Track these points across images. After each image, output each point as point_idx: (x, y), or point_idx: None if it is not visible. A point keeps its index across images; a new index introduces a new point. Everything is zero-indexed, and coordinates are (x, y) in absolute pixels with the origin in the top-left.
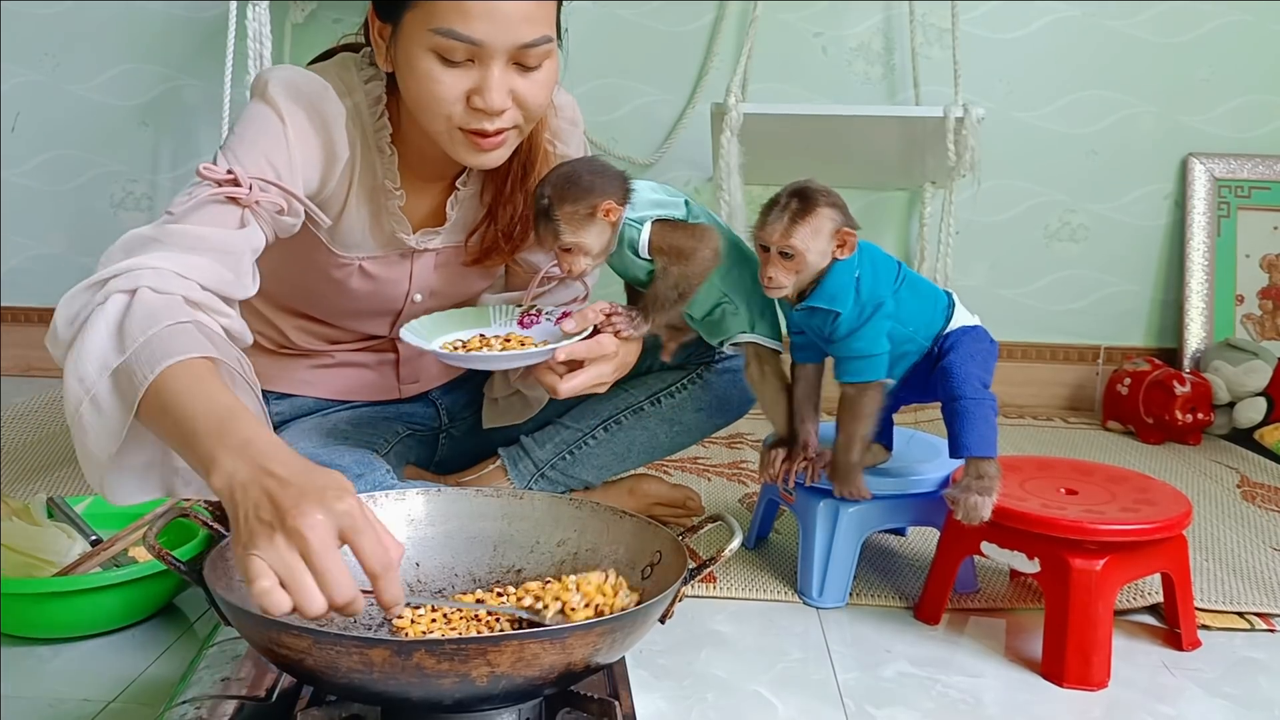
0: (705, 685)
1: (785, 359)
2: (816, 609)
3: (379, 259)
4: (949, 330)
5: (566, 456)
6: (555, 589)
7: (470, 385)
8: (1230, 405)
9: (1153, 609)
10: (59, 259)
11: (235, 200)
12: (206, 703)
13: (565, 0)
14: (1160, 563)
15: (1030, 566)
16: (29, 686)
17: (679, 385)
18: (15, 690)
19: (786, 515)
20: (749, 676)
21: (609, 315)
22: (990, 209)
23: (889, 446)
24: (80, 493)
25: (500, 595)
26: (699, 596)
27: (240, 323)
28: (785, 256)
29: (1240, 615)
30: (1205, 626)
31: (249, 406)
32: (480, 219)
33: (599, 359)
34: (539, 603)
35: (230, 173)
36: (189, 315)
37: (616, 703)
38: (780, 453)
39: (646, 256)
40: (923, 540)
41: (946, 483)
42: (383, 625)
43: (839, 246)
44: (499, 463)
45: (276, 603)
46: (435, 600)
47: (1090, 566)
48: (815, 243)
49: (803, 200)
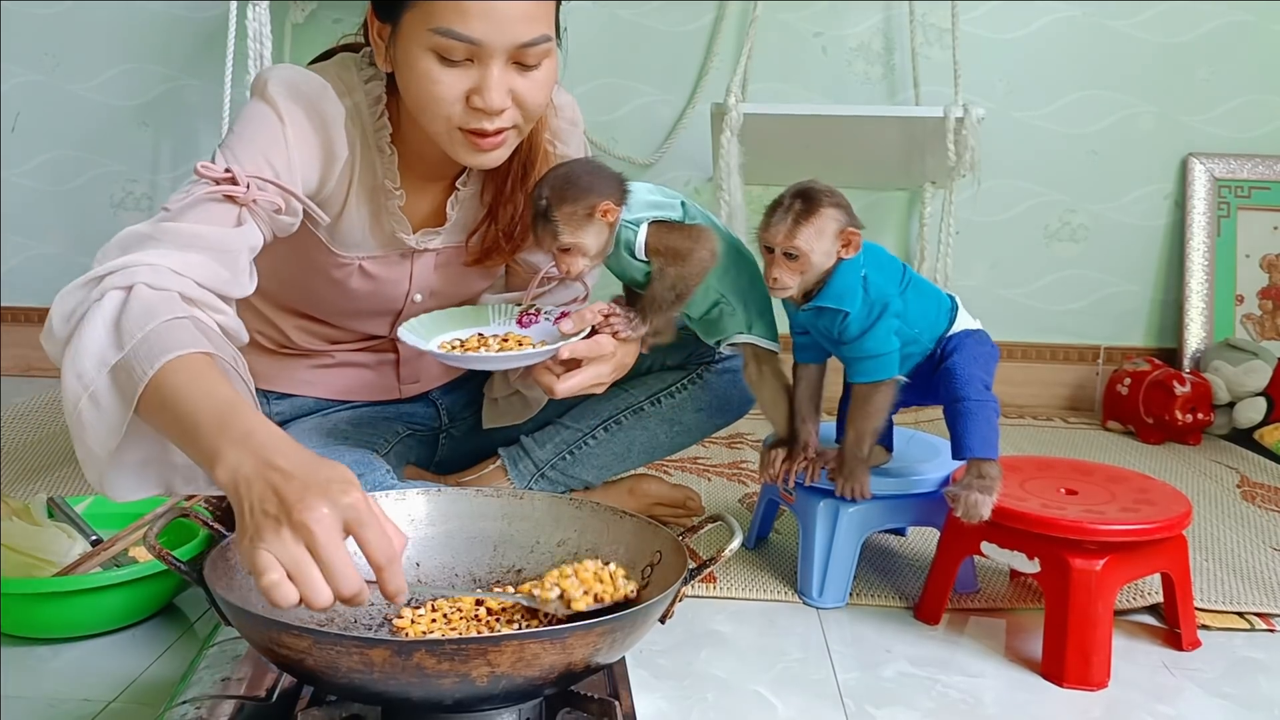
0: (705, 685)
1: (785, 359)
2: (816, 609)
3: (379, 259)
4: (952, 333)
5: (567, 456)
6: (554, 576)
7: (470, 385)
8: (1230, 405)
9: (1153, 609)
10: (59, 259)
11: (233, 199)
12: (207, 703)
13: (564, 0)
14: (1160, 563)
15: (1030, 566)
16: (29, 686)
17: (679, 385)
18: (15, 690)
19: (786, 515)
20: (749, 676)
21: (607, 316)
22: (990, 209)
23: (889, 447)
24: (80, 493)
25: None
26: (699, 596)
27: (236, 321)
28: (790, 257)
29: (1240, 615)
30: (1205, 626)
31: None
32: (481, 219)
33: (597, 359)
34: (537, 589)
35: (228, 171)
36: (185, 311)
37: (616, 703)
38: (780, 453)
39: (643, 258)
40: (923, 540)
41: (947, 483)
42: (383, 625)
43: (844, 246)
44: (499, 463)
45: (285, 595)
46: (434, 590)
47: (1090, 566)
48: (819, 243)
49: (806, 201)
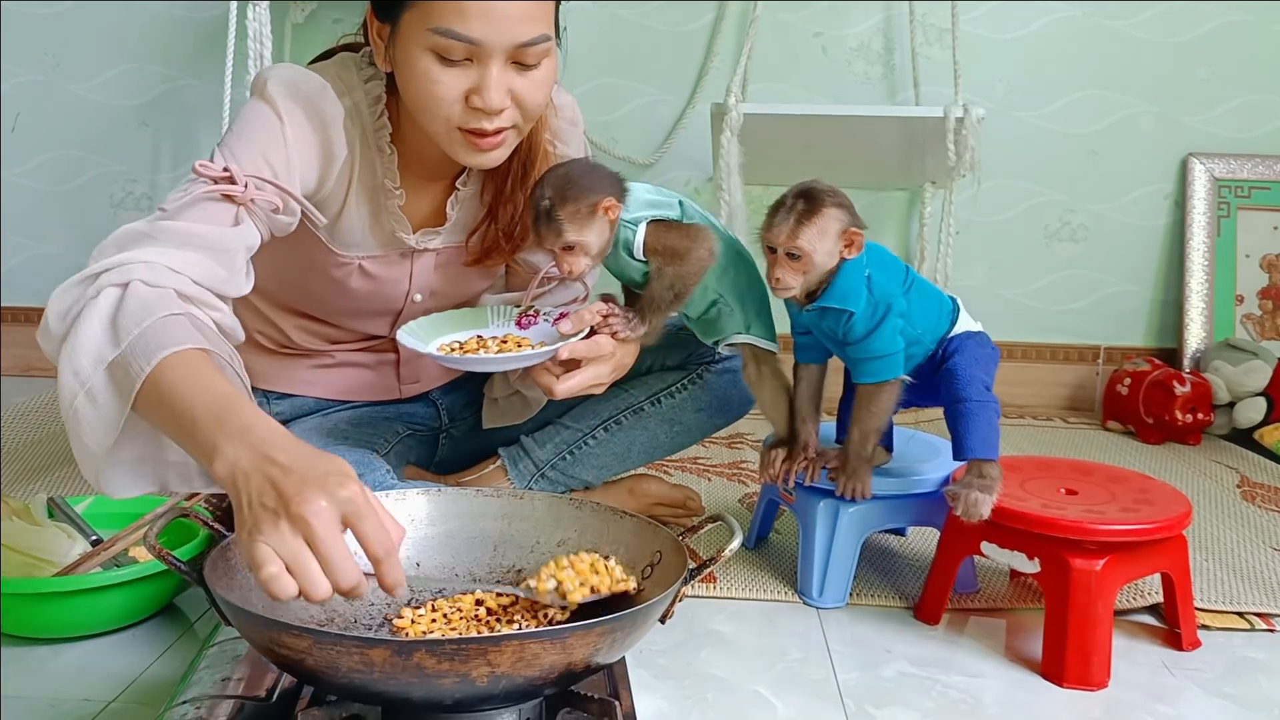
0: (705, 685)
1: (785, 359)
2: (816, 609)
3: (379, 258)
4: (953, 334)
5: (567, 456)
6: (550, 568)
7: (470, 385)
8: (1230, 405)
9: (1153, 609)
10: (59, 259)
11: (230, 198)
12: (207, 703)
13: (564, 0)
14: (1160, 563)
15: (1030, 566)
16: (29, 686)
17: (679, 385)
18: (15, 690)
19: (786, 515)
20: (749, 676)
21: (606, 316)
22: (990, 209)
23: (889, 447)
24: (80, 493)
25: (500, 595)
26: (699, 596)
27: (232, 319)
28: (792, 257)
29: (1240, 615)
30: (1205, 626)
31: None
32: (481, 219)
33: (596, 360)
34: (534, 580)
35: (226, 170)
36: (181, 308)
37: (616, 703)
38: (780, 453)
39: (641, 258)
40: (923, 540)
41: (947, 482)
42: (383, 625)
43: (846, 247)
44: (499, 463)
45: (283, 588)
46: (432, 582)
47: (1090, 566)
48: (822, 243)
49: (809, 201)
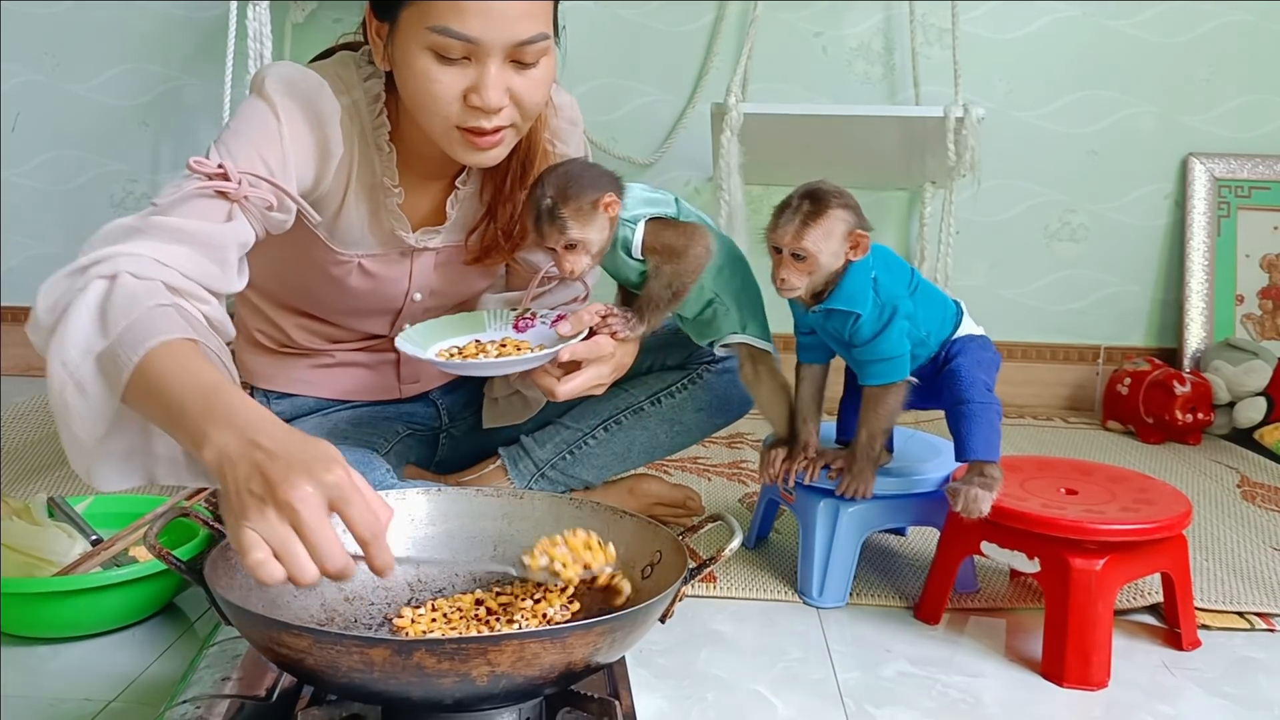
0: (705, 685)
1: (787, 359)
2: (816, 609)
3: (378, 257)
4: (956, 337)
5: (567, 456)
6: (543, 544)
7: (470, 385)
8: (1230, 405)
9: (1153, 609)
10: (59, 259)
11: (224, 195)
12: (207, 702)
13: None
14: (1160, 563)
15: (1030, 566)
16: (29, 686)
17: (679, 385)
18: (15, 690)
19: (786, 515)
20: (749, 676)
21: (604, 317)
22: (990, 209)
23: (890, 448)
24: (80, 493)
25: (500, 595)
26: (699, 596)
27: (222, 313)
28: (797, 258)
29: (1240, 615)
30: (1205, 626)
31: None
32: (480, 218)
33: (596, 360)
34: (527, 557)
35: (221, 167)
36: (170, 300)
37: (616, 702)
38: (780, 452)
39: (639, 257)
40: (923, 540)
41: (947, 482)
42: (383, 625)
43: (852, 248)
44: (499, 462)
45: (270, 573)
46: (430, 564)
47: (1090, 566)
48: (827, 244)
49: (814, 202)
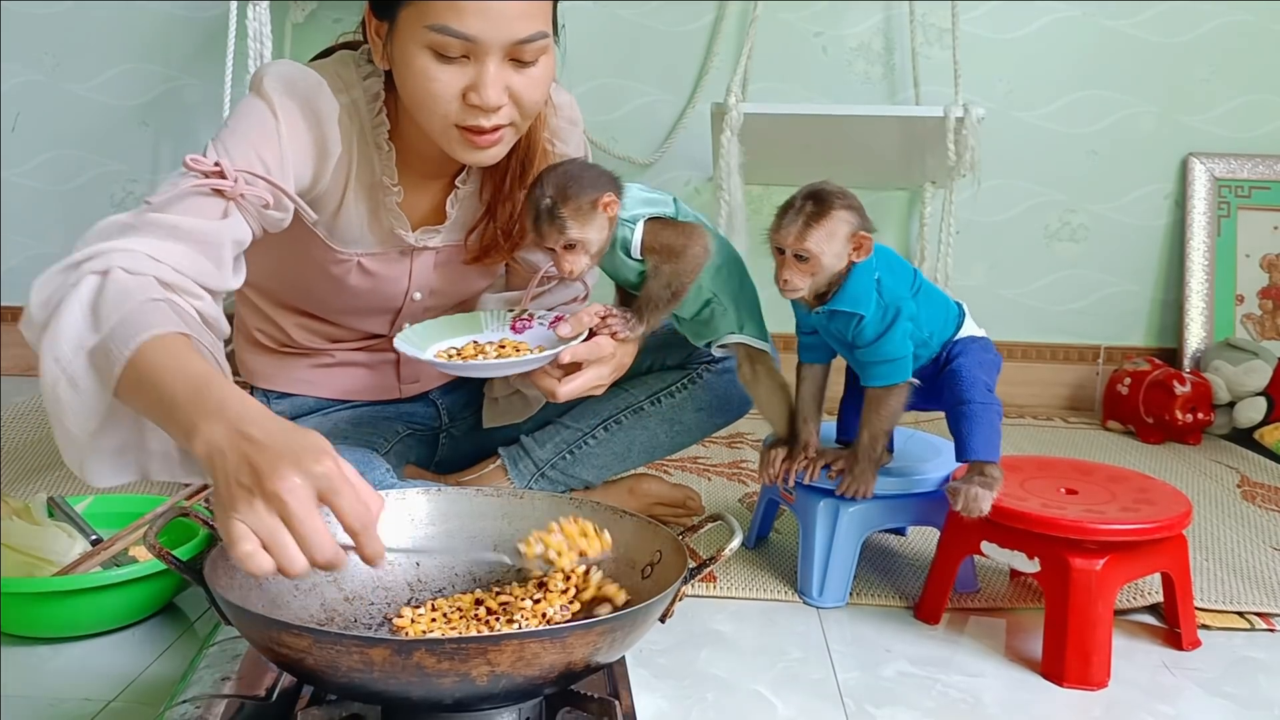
0: (705, 685)
1: (789, 359)
2: (816, 608)
3: (378, 256)
4: (957, 338)
5: (567, 456)
6: (538, 533)
7: (470, 385)
8: (1230, 405)
9: (1153, 609)
10: (59, 259)
11: (220, 193)
12: (207, 702)
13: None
14: (1160, 562)
15: (1030, 566)
16: (29, 686)
17: (679, 385)
18: (15, 690)
19: (786, 515)
20: (749, 676)
21: (604, 318)
22: (990, 209)
23: (890, 448)
24: (80, 492)
25: (500, 595)
26: (699, 596)
27: (217, 309)
28: (800, 259)
29: (1240, 615)
30: (1205, 626)
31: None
32: (479, 217)
33: (596, 361)
34: (522, 545)
35: (217, 165)
36: (162, 294)
37: (616, 702)
38: (780, 452)
39: (638, 257)
40: (923, 540)
41: (947, 481)
42: (383, 625)
43: (855, 250)
44: (499, 462)
45: (259, 565)
46: (425, 549)
47: (1090, 566)
48: (830, 245)
49: (818, 203)
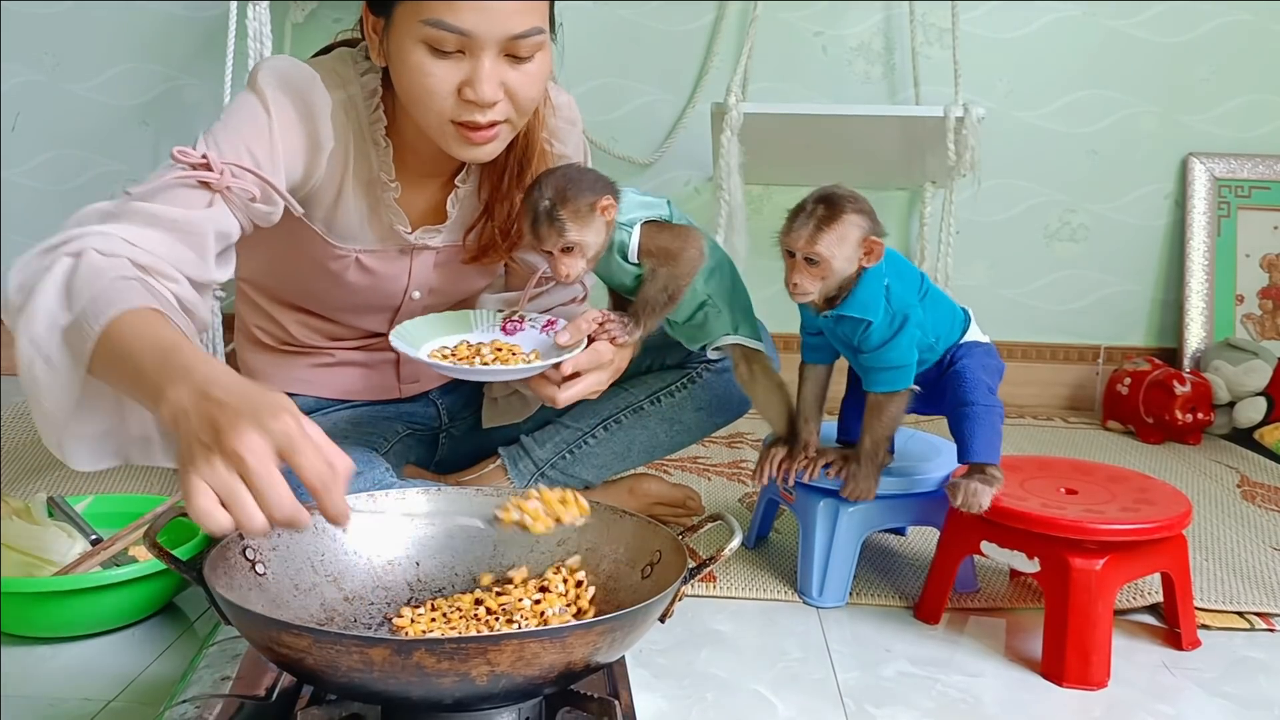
0: (705, 685)
1: (791, 359)
2: (816, 608)
3: (377, 253)
4: (962, 342)
5: (566, 456)
6: (515, 499)
7: (470, 385)
8: (1230, 405)
9: (1153, 609)
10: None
11: (206, 185)
12: (206, 702)
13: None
14: (1160, 562)
15: (1030, 566)
16: (29, 686)
17: (679, 385)
18: (15, 690)
19: (786, 515)
20: (749, 676)
21: (601, 323)
22: (990, 209)
23: (891, 449)
24: (80, 492)
25: (500, 594)
26: (699, 596)
27: (195, 296)
28: (810, 263)
29: (1240, 615)
30: (1205, 626)
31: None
32: (477, 216)
33: (595, 367)
34: (500, 512)
35: (204, 157)
36: (135, 274)
37: (616, 702)
38: (779, 451)
39: (635, 261)
40: (923, 540)
41: (947, 481)
42: (383, 625)
43: (865, 255)
44: (499, 462)
45: (217, 522)
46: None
47: (1090, 566)
48: (841, 250)
49: (829, 206)
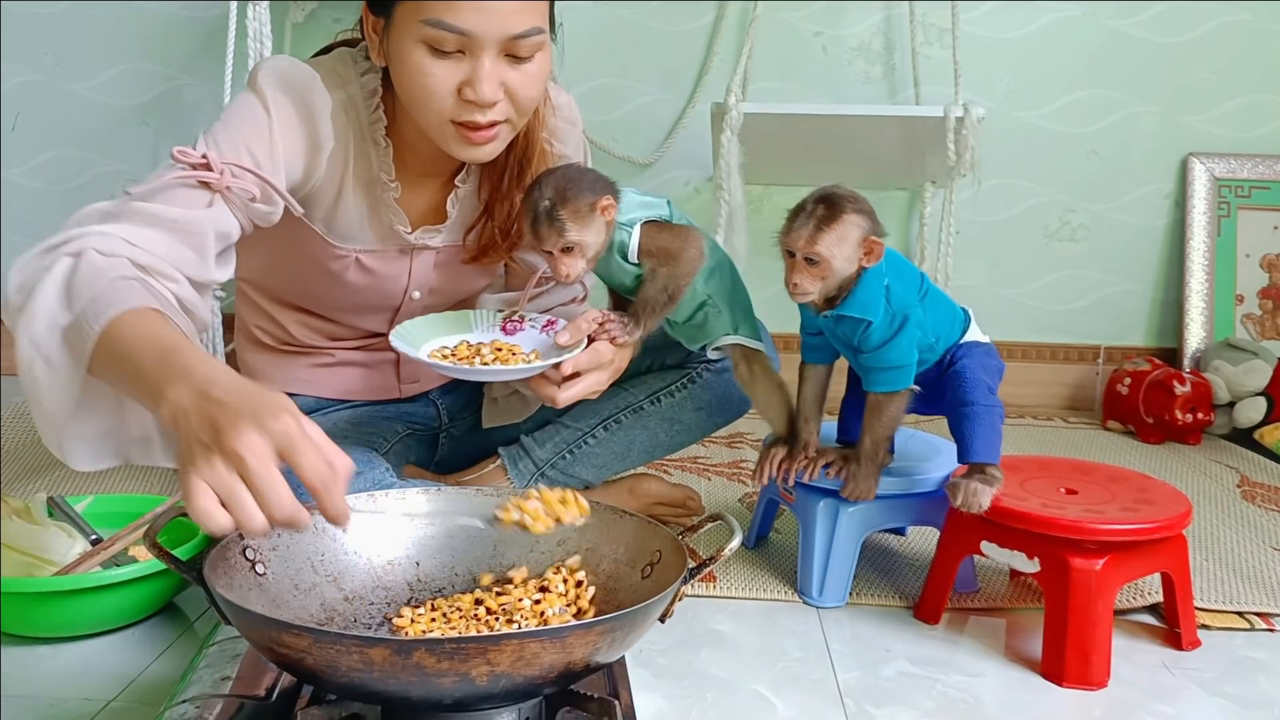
0: (705, 685)
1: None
2: (816, 608)
3: (377, 253)
4: (962, 342)
5: (566, 456)
6: (516, 499)
7: (470, 385)
8: (1230, 405)
9: (1153, 609)
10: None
11: (206, 185)
12: (207, 702)
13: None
14: (1160, 562)
15: (1030, 566)
16: (29, 686)
17: (679, 384)
18: (15, 690)
19: (786, 515)
20: (749, 676)
21: (601, 323)
22: (990, 209)
23: (891, 449)
24: (80, 492)
25: (500, 594)
26: (699, 596)
27: (195, 296)
28: (810, 263)
29: (1240, 615)
30: (1205, 626)
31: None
32: (477, 216)
33: (595, 367)
34: (500, 511)
35: (204, 157)
36: (135, 274)
37: (616, 702)
38: (779, 451)
39: (634, 261)
40: (923, 540)
41: (947, 480)
42: (383, 625)
43: (865, 255)
44: (499, 462)
45: (217, 522)
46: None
47: (1090, 566)
48: (841, 250)
49: (829, 206)
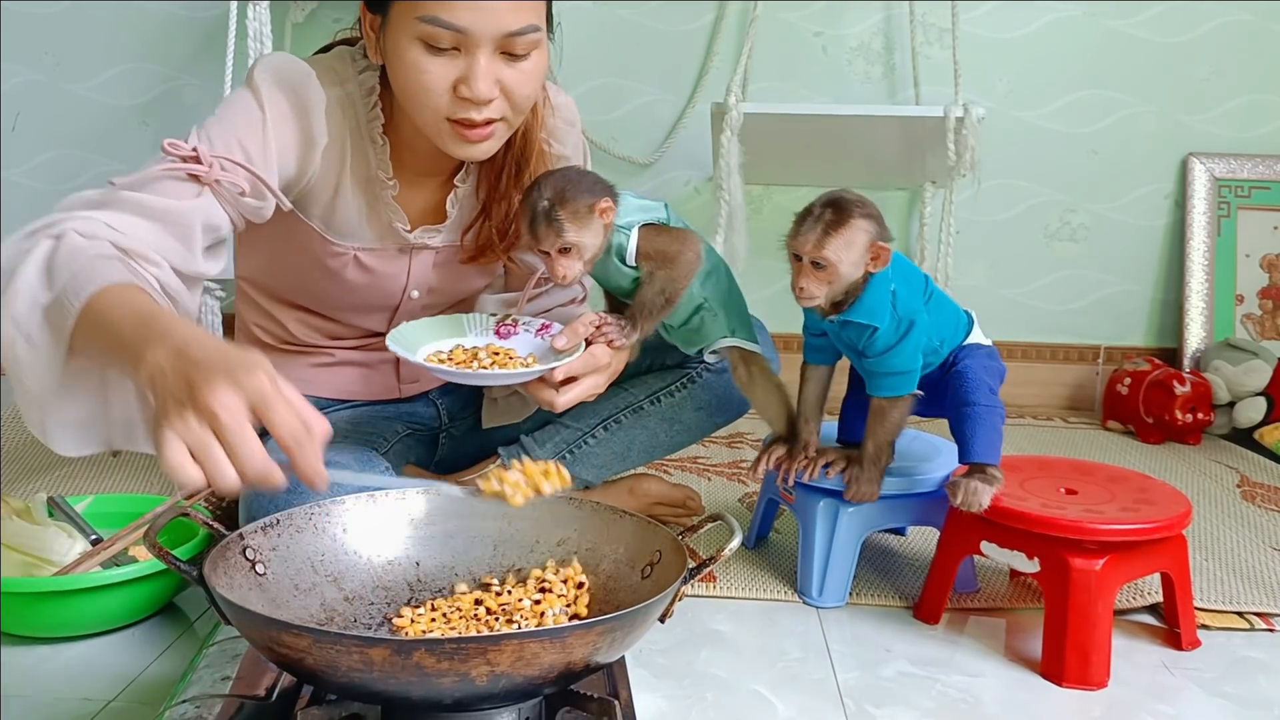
0: (705, 685)
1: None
2: (816, 608)
3: (375, 251)
4: (965, 344)
5: (566, 456)
6: (497, 470)
7: (469, 386)
8: (1230, 405)
9: (1153, 609)
10: None
11: (196, 177)
12: (207, 702)
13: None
14: (1160, 562)
15: (1030, 566)
16: (29, 686)
17: (678, 384)
18: (15, 690)
19: (786, 515)
20: (749, 676)
21: (599, 326)
22: (990, 209)
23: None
24: (80, 492)
25: (500, 594)
26: (699, 596)
27: (179, 283)
28: (817, 267)
29: (1240, 615)
30: (1205, 626)
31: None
32: (475, 216)
33: (593, 370)
34: (481, 480)
35: (194, 150)
36: (115, 254)
37: (616, 702)
38: (778, 449)
39: (632, 264)
40: (923, 540)
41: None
42: (383, 625)
43: (872, 260)
44: (499, 462)
45: (189, 475)
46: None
47: (1090, 566)
48: (848, 254)
49: (837, 211)
